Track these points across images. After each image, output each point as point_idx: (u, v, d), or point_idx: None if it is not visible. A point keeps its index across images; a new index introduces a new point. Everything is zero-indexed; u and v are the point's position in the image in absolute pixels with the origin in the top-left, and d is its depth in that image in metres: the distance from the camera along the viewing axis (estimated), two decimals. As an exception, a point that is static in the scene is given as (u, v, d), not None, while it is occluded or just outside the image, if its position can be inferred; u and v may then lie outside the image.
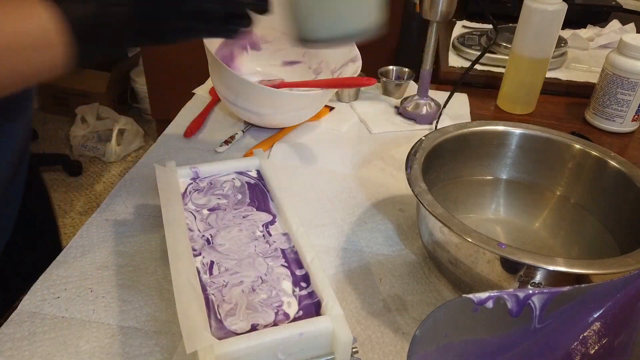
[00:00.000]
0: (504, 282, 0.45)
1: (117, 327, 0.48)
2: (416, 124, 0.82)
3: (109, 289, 0.51)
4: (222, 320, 0.40)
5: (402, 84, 0.88)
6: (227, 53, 0.82)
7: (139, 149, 2.15)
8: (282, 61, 0.86)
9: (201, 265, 0.46)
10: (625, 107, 0.79)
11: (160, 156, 0.72)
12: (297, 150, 0.75)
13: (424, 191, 0.48)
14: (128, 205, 0.62)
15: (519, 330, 0.37)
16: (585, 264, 0.41)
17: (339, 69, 0.80)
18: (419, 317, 0.50)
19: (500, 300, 0.35)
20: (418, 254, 0.57)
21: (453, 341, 0.36)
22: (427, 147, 0.55)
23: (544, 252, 0.55)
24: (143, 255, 0.55)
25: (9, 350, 0.45)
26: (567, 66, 0.99)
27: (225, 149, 0.74)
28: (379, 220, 0.62)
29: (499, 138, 0.60)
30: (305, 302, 0.42)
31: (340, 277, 0.54)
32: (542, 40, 0.79)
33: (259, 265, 0.46)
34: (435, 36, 0.76)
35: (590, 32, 1.11)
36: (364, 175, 0.70)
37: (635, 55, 0.75)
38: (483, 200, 0.62)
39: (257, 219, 0.51)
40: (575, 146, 0.58)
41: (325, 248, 0.58)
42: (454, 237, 0.46)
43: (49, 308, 0.49)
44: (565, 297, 0.36)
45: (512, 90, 0.86)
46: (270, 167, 0.57)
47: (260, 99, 0.70)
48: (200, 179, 0.56)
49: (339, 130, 0.80)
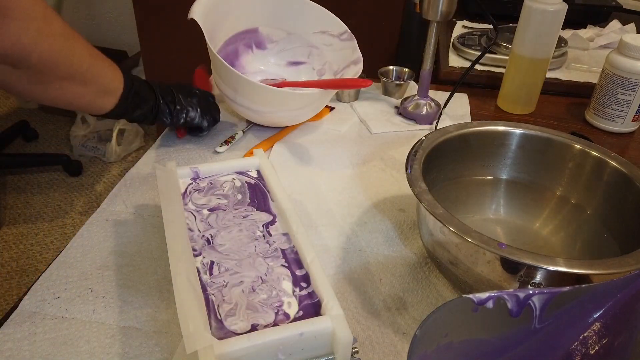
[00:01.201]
0: (504, 282, 0.45)
1: (117, 327, 0.48)
2: (416, 124, 0.82)
3: (109, 289, 0.51)
4: (222, 321, 0.40)
5: (402, 84, 0.88)
6: (232, 51, 0.82)
7: (139, 149, 2.15)
8: (287, 61, 0.86)
9: (201, 265, 0.46)
10: (626, 107, 0.79)
11: (160, 156, 0.72)
12: (298, 150, 0.75)
13: (424, 191, 0.48)
14: (128, 205, 0.62)
15: (519, 331, 0.37)
16: (585, 264, 0.41)
17: (342, 71, 0.80)
18: (419, 317, 0.50)
19: (501, 301, 0.35)
20: (418, 254, 0.57)
21: (453, 341, 0.36)
22: (427, 147, 0.55)
23: (544, 252, 0.54)
24: (143, 255, 0.55)
25: (9, 350, 0.45)
26: (568, 66, 0.99)
27: (226, 149, 0.74)
28: (379, 221, 0.62)
29: (499, 138, 0.60)
30: (305, 302, 0.42)
31: (341, 277, 0.54)
32: (542, 40, 0.79)
33: (259, 266, 0.46)
34: (435, 36, 0.76)
35: (590, 32, 1.11)
36: (364, 175, 0.70)
37: (635, 56, 0.75)
38: (483, 201, 0.62)
39: (257, 219, 0.51)
40: (576, 146, 0.58)
41: (326, 248, 0.58)
42: (454, 237, 0.46)
43: (49, 308, 0.49)
44: (565, 297, 0.36)
45: (513, 90, 0.86)
46: (270, 167, 0.57)
47: (258, 97, 0.70)
48: (201, 179, 0.56)
49: (339, 131, 0.80)
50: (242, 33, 0.83)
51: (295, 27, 0.83)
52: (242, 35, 0.83)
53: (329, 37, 0.82)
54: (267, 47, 0.85)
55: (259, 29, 0.84)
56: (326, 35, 0.82)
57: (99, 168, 2.05)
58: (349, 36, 0.80)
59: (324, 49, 0.83)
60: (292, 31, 0.84)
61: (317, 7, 0.82)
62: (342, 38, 0.81)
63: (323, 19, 0.82)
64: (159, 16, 1.78)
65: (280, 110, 0.73)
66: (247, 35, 0.83)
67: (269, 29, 0.84)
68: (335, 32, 0.81)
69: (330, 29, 0.82)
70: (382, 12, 1.57)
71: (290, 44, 0.85)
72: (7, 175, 1.97)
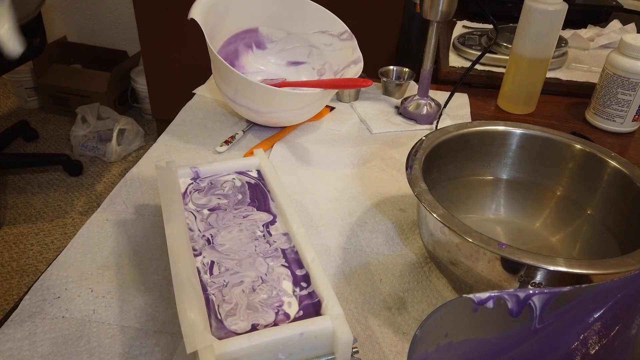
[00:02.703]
0: (505, 282, 0.45)
1: (117, 327, 0.48)
2: (416, 124, 0.82)
3: (109, 289, 0.51)
4: (222, 320, 0.40)
5: (402, 84, 0.88)
6: (232, 51, 0.82)
7: (139, 149, 2.15)
8: (287, 61, 0.86)
9: (201, 265, 0.46)
10: (626, 107, 0.79)
11: (160, 156, 0.72)
12: (298, 150, 0.75)
13: (424, 191, 0.48)
14: (128, 205, 0.62)
15: (520, 331, 0.37)
16: (585, 264, 0.41)
17: (342, 70, 0.80)
18: (419, 317, 0.50)
19: (501, 300, 0.35)
20: (418, 254, 0.57)
21: (453, 341, 0.36)
22: (427, 147, 0.55)
23: (544, 252, 0.55)
24: (143, 255, 0.55)
25: (9, 350, 0.45)
26: (568, 66, 0.99)
27: (226, 149, 0.74)
28: (379, 220, 0.62)
29: (499, 138, 0.60)
30: (305, 302, 0.42)
31: (341, 277, 0.54)
32: (542, 40, 0.79)
33: (259, 265, 0.46)
34: (435, 36, 0.76)
35: (590, 32, 1.11)
36: (364, 175, 0.70)
37: (635, 55, 0.75)
38: (483, 201, 0.62)
39: (258, 219, 0.51)
40: (576, 146, 0.58)
41: (326, 248, 0.58)
42: (454, 237, 0.46)
43: (49, 308, 0.49)
44: (565, 297, 0.36)
45: (513, 90, 0.86)
46: (270, 167, 0.57)
47: (258, 97, 0.70)
48: (201, 179, 0.56)
49: (339, 130, 0.80)
50: (242, 33, 0.83)
51: (295, 27, 0.83)
52: (242, 35, 0.83)
53: (329, 37, 0.82)
54: (267, 47, 0.85)
55: (259, 28, 0.84)
56: (326, 35, 0.82)
57: (99, 168, 2.05)
58: (349, 36, 0.80)
59: (324, 48, 0.83)
60: (292, 31, 0.84)
61: (317, 7, 0.82)
62: (342, 38, 0.81)
63: (323, 19, 0.82)
64: (159, 16, 1.79)
65: (281, 110, 0.73)
66: (247, 35, 0.83)
67: (269, 28, 0.84)
68: (335, 32, 0.81)
69: (330, 28, 0.82)
70: (382, 12, 1.57)
71: (290, 43, 0.85)
72: (7, 175, 1.97)
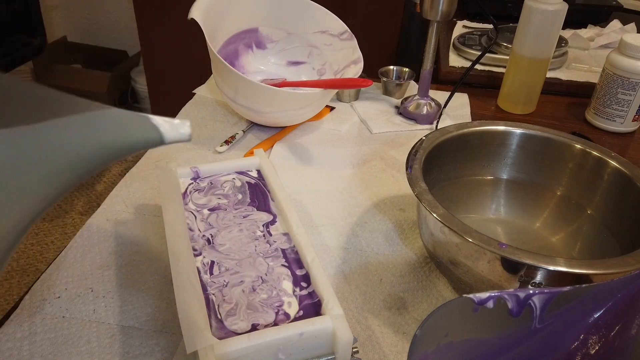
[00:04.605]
0: (505, 282, 0.45)
1: (117, 327, 0.48)
2: (417, 124, 0.82)
3: (109, 289, 0.51)
4: (222, 320, 0.40)
5: (402, 84, 0.88)
6: (232, 51, 0.82)
7: (140, 149, 2.15)
8: (287, 61, 0.86)
9: (201, 265, 0.46)
10: (626, 107, 0.79)
11: (160, 156, 0.72)
12: (298, 150, 0.75)
13: (424, 191, 0.48)
14: (128, 205, 0.62)
15: (520, 331, 0.37)
16: (585, 264, 0.41)
17: (342, 70, 0.80)
18: (419, 317, 0.50)
19: (501, 300, 0.35)
20: (418, 254, 0.57)
21: (453, 341, 0.36)
22: (427, 147, 0.55)
23: (544, 252, 0.55)
24: (143, 255, 0.55)
25: (9, 350, 0.45)
26: (568, 66, 0.99)
27: (226, 149, 0.74)
28: (379, 220, 0.62)
29: (499, 138, 0.60)
30: (305, 302, 0.42)
31: (341, 277, 0.54)
32: (542, 40, 0.79)
33: (259, 265, 0.46)
34: (435, 36, 0.76)
35: (590, 32, 1.11)
36: (364, 175, 0.70)
37: (636, 55, 0.75)
38: (483, 200, 0.62)
39: (258, 219, 0.51)
40: (576, 146, 0.57)
41: (326, 248, 0.58)
42: (454, 237, 0.46)
43: (49, 308, 0.49)
44: (565, 297, 0.36)
45: (513, 90, 0.86)
46: (270, 167, 0.57)
47: (258, 97, 0.70)
48: (201, 179, 0.56)
49: (339, 130, 0.80)
50: (242, 33, 0.83)
51: (295, 27, 0.83)
52: (242, 35, 0.83)
53: (329, 36, 0.82)
54: (267, 47, 0.85)
55: (259, 28, 0.84)
56: (326, 35, 0.82)
57: (99, 168, 2.05)
58: (349, 36, 0.80)
59: (324, 48, 0.83)
60: (292, 31, 0.84)
61: (317, 6, 0.82)
62: (342, 38, 0.81)
63: (323, 19, 0.82)
64: (159, 16, 1.78)
65: (281, 110, 0.73)
66: (247, 35, 0.83)
67: (269, 28, 0.84)
68: (335, 32, 0.81)
69: (330, 28, 0.82)
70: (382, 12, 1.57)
71: (290, 43, 0.85)
72: (7, 175, 1.97)
